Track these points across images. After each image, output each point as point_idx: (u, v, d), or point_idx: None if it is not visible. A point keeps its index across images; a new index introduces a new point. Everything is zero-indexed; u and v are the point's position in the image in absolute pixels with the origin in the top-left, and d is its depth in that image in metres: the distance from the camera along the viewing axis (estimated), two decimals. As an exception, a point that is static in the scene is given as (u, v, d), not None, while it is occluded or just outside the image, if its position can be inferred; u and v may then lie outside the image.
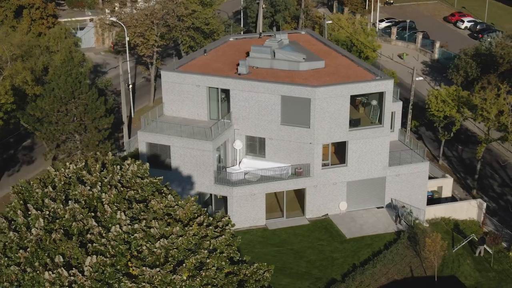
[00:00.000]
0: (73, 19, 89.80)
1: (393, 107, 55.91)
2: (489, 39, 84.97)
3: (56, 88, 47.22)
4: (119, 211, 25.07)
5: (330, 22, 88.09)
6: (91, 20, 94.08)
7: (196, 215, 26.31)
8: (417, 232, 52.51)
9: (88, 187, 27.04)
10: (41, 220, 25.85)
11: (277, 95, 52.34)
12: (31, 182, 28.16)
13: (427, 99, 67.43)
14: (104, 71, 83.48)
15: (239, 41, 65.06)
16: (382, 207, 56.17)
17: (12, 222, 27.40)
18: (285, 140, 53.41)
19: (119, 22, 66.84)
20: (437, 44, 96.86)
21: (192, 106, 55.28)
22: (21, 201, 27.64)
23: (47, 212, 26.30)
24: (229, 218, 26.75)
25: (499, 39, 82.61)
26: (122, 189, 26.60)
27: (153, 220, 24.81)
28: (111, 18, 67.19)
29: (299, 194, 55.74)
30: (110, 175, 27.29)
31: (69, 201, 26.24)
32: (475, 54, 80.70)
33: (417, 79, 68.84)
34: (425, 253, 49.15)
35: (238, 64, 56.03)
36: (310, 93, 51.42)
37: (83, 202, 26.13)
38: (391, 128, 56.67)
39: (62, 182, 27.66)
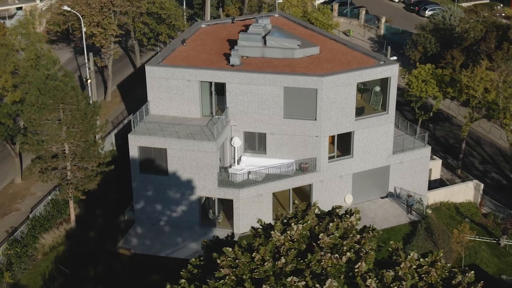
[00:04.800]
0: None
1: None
2: (441, 13, 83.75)
3: (42, 95, 41.16)
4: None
5: (280, 1, 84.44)
6: (19, 8, 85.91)
7: (448, 273, 22.10)
8: (429, 221, 50.59)
9: (336, 255, 21.60)
10: None
11: (279, 86, 48.45)
12: (245, 253, 22.08)
13: (407, 79, 65.34)
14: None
15: (212, 27, 60.43)
16: (386, 197, 53.79)
17: None
18: (288, 135, 49.71)
19: (75, 12, 60.36)
20: (383, 20, 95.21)
21: (182, 103, 50.50)
22: (234, 276, 21.97)
23: None
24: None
25: (454, 13, 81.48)
26: (362, 250, 21.62)
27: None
28: (64, 7, 60.64)
29: (298, 190, 52.39)
30: (350, 234, 22.28)
31: (328, 279, 20.46)
32: (433, 29, 79.37)
33: (391, 58, 66.48)
34: (452, 244, 47.21)
35: (225, 54, 51.76)
36: (317, 83, 47.87)
37: (341, 277, 20.78)
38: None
39: (291, 248, 22.44)
